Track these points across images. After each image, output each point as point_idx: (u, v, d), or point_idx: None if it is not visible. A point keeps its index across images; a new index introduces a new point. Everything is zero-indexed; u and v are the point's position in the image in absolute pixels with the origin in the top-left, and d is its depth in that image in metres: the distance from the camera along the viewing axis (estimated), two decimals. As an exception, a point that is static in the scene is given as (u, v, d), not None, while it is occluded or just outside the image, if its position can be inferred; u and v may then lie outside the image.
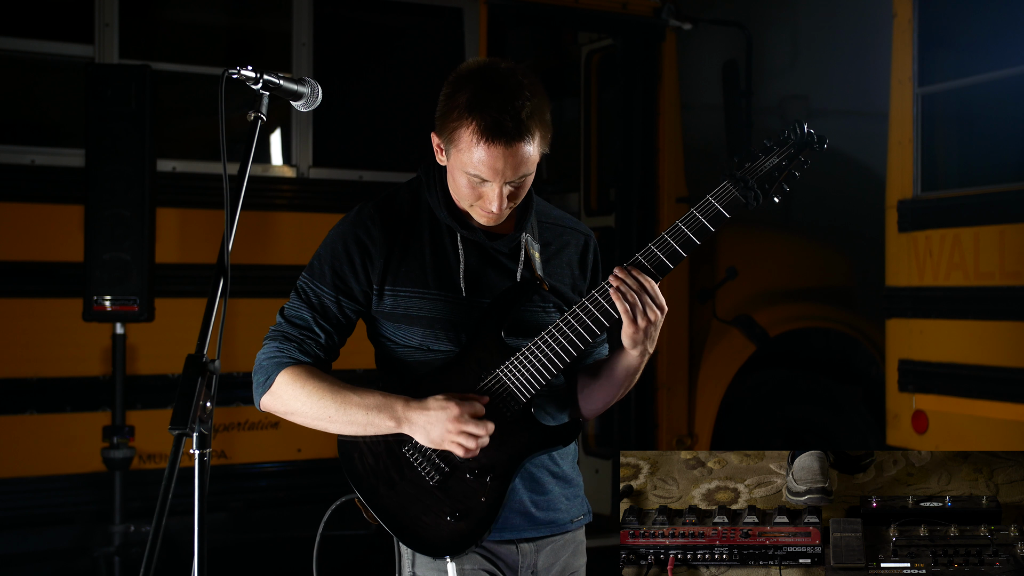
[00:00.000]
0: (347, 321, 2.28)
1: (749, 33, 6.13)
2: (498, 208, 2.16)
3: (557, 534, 2.35)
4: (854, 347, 6.80)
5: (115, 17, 5.01)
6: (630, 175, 6.29)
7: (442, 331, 2.23)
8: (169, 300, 4.93)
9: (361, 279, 2.25)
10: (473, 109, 2.09)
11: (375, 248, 2.25)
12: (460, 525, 2.18)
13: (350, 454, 2.24)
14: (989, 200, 5.12)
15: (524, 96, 2.11)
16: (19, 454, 4.91)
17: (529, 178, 2.18)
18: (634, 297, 2.11)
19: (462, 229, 2.26)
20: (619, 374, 2.28)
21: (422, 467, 2.20)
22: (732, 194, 2.13)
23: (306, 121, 5.33)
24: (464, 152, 2.12)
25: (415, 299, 2.24)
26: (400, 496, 2.20)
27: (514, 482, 2.24)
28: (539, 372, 2.18)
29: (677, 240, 2.14)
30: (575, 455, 2.44)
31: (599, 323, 2.16)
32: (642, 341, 2.16)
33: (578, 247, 2.38)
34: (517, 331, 2.23)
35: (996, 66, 5.13)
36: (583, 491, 2.44)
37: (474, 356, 2.22)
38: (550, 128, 2.20)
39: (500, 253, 2.29)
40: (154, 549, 1.66)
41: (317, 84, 2.11)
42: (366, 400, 2.17)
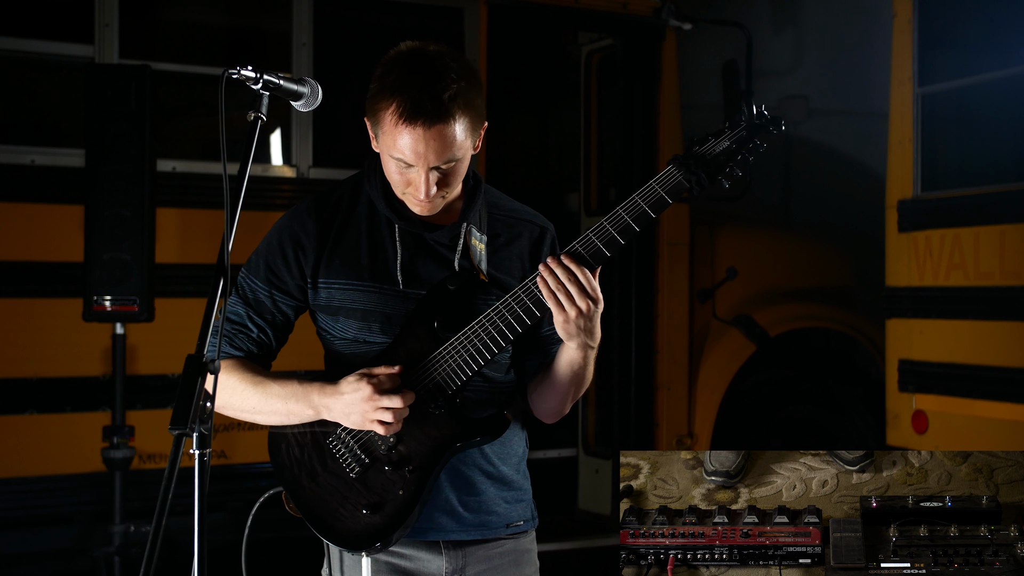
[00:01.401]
0: (283, 316, 2.24)
1: (749, 33, 6.13)
2: (426, 195, 2.09)
3: (489, 539, 2.27)
4: (854, 347, 6.80)
5: (115, 17, 5.01)
6: (630, 175, 6.29)
7: (377, 323, 2.18)
8: (169, 300, 4.93)
9: (295, 272, 2.21)
10: (395, 91, 2.05)
11: (308, 241, 2.21)
12: (375, 518, 2.12)
13: (278, 445, 2.23)
14: (989, 200, 5.12)
15: (449, 78, 2.04)
16: (19, 454, 4.91)
17: (459, 164, 2.11)
18: (561, 286, 2.05)
19: (400, 220, 2.21)
20: (563, 370, 2.19)
21: (344, 458, 2.16)
22: (676, 179, 2.05)
23: (306, 121, 5.34)
24: (388, 135, 2.08)
25: (349, 291, 2.19)
26: (321, 488, 2.17)
27: (441, 480, 2.18)
28: (466, 363, 2.11)
29: (616, 227, 2.06)
30: (521, 458, 2.34)
31: (530, 313, 2.09)
32: (577, 333, 2.08)
33: (531, 238, 2.28)
34: (457, 323, 2.14)
35: (996, 66, 5.14)
36: (530, 496, 2.35)
37: (405, 347, 2.15)
38: (482, 116, 2.13)
39: (440, 244, 2.22)
40: (154, 549, 1.66)
41: (317, 84, 2.11)
42: (285, 390, 2.14)
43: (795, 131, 8.05)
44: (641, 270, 6.25)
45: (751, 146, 2.09)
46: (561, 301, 2.05)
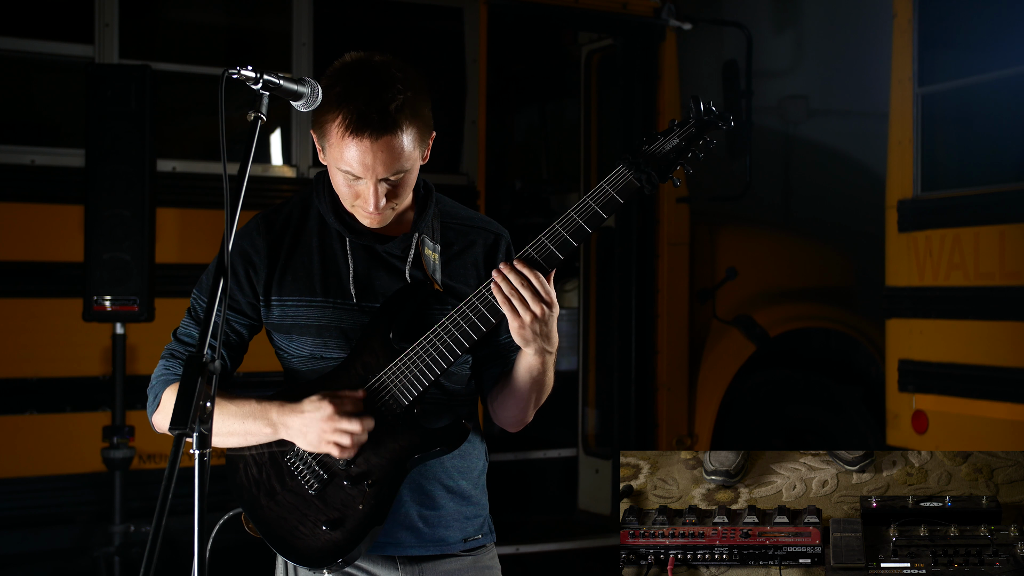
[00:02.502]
0: (237, 337, 2.22)
1: (749, 33, 6.13)
2: (375, 207, 2.07)
3: (447, 555, 2.23)
4: (854, 347, 6.80)
5: (115, 17, 5.01)
6: (630, 175, 6.28)
7: (332, 339, 2.16)
8: (169, 300, 4.92)
9: (246, 291, 2.19)
10: (341, 102, 2.03)
11: (258, 258, 2.18)
12: (335, 535, 2.09)
13: (236, 465, 2.19)
14: (989, 200, 5.12)
15: (395, 89, 2.03)
16: (19, 454, 4.91)
17: (407, 175, 2.09)
18: (515, 291, 2.03)
19: (351, 233, 2.18)
20: (522, 376, 2.16)
21: (302, 475, 2.13)
22: (626, 178, 2.05)
23: (306, 121, 5.31)
24: (335, 147, 2.06)
25: (303, 307, 2.17)
26: (280, 507, 2.14)
27: (402, 494, 2.16)
28: (423, 373, 2.09)
29: (568, 229, 2.05)
30: (480, 472, 2.32)
31: (484, 319, 2.07)
32: (533, 338, 2.05)
33: (485, 245, 2.26)
34: (412, 334, 2.12)
35: (996, 66, 5.14)
36: (487, 511, 2.33)
37: (361, 360, 2.13)
38: (429, 125, 2.11)
39: (392, 256, 2.19)
40: (154, 549, 1.65)
41: (317, 84, 2.11)
42: (242, 408, 2.12)
43: (795, 131, 8.05)
44: (641, 270, 6.26)
45: (701, 143, 2.08)
46: (515, 306, 2.03)
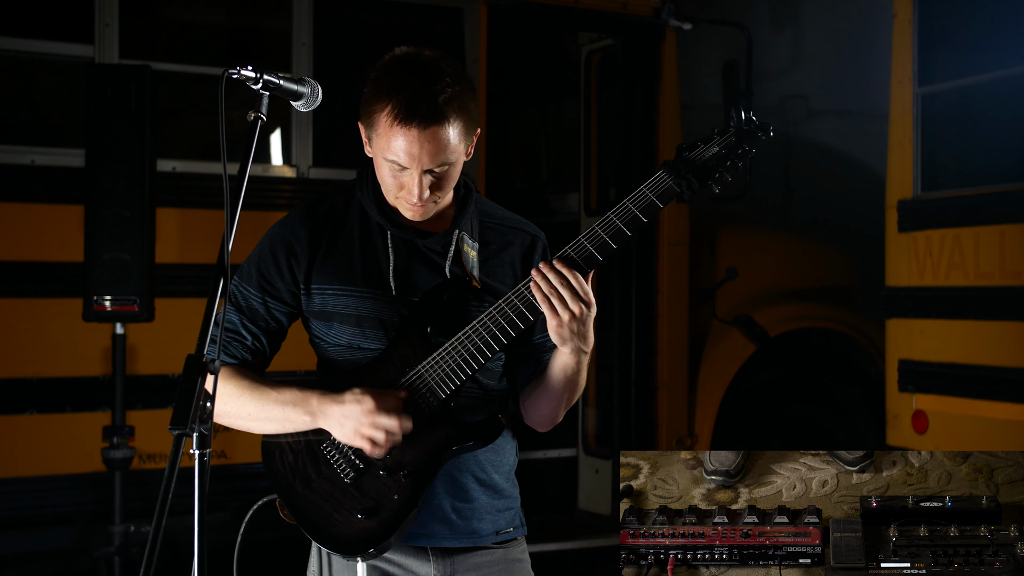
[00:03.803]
0: (276, 324, 2.24)
1: (749, 33, 6.13)
2: (419, 198, 2.11)
3: (480, 547, 2.27)
4: (854, 347, 6.80)
5: (115, 17, 5.01)
6: (630, 175, 6.29)
7: (370, 329, 2.19)
8: (169, 300, 4.93)
9: (287, 279, 2.22)
10: (390, 93, 2.07)
11: (300, 247, 2.22)
12: (370, 523, 2.12)
13: (272, 452, 2.22)
14: (989, 200, 5.12)
15: (444, 82, 2.06)
16: (19, 454, 4.91)
17: (451, 168, 2.12)
18: (554, 290, 2.07)
19: (392, 227, 2.22)
20: (557, 376, 2.20)
21: (338, 464, 2.16)
22: (666, 184, 2.07)
23: (306, 121, 5.34)
24: (382, 137, 2.09)
25: (343, 297, 2.20)
26: (315, 494, 2.17)
27: (435, 486, 2.19)
28: (460, 368, 2.12)
29: (607, 231, 2.08)
30: (512, 467, 2.35)
31: (523, 317, 2.10)
32: (571, 337, 2.09)
33: (522, 246, 2.30)
34: (449, 329, 2.15)
35: (996, 66, 5.14)
36: (518, 504, 2.36)
37: (399, 353, 2.16)
38: (475, 121, 2.14)
39: (432, 251, 2.23)
40: (154, 549, 1.66)
41: (317, 84, 2.11)
42: (283, 396, 2.14)
43: (795, 131, 8.04)
44: (641, 270, 6.26)
45: (740, 152, 2.10)
46: (555, 305, 2.06)
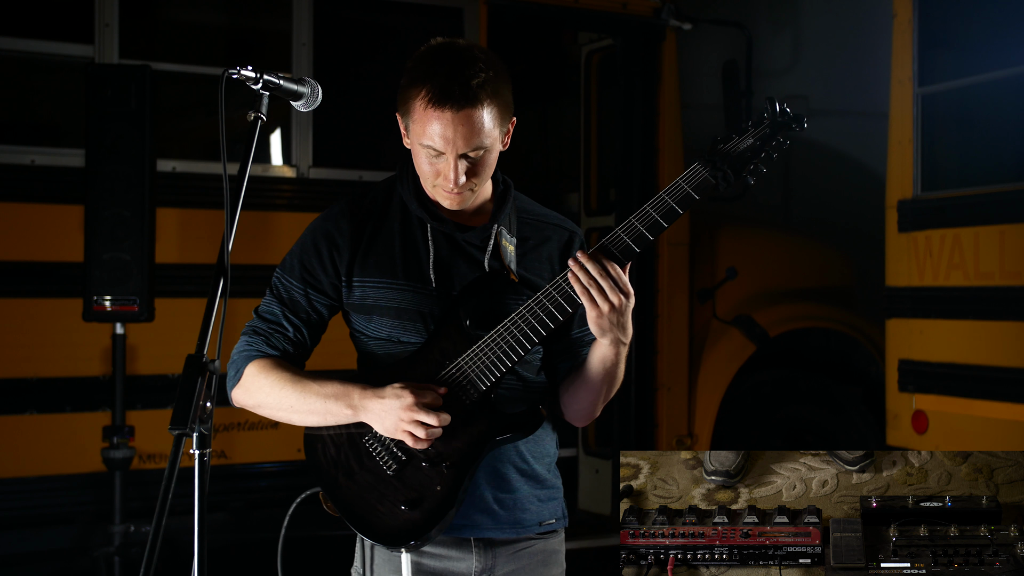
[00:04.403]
0: (317, 316, 2.27)
1: (749, 33, 6.13)
2: (455, 183, 2.13)
3: (522, 538, 2.30)
4: (854, 347, 6.80)
5: (115, 17, 5.01)
6: (630, 175, 6.29)
7: (410, 322, 2.22)
8: (169, 300, 4.93)
9: (329, 271, 2.25)
10: (424, 79, 2.10)
11: (342, 240, 2.25)
12: (413, 515, 2.15)
13: (314, 445, 2.24)
14: (989, 200, 5.12)
15: (477, 67, 2.10)
16: (19, 454, 4.91)
17: (486, 154, 2.15)
18: (593, 281, 2.08)
19: (432, 220, 2.25)
20: (596, 368, 2.23)
21: (380, 456, 2.19)
22: (702, 176, 2.09)
23: (306, 121, 5.34)
24: (417, 123, 2.12)
25: (383, 290, 2.22)
26: (358, 486, 2.19)
27: (477, 477, 2.21)
28: (499, 360, 2.15)
29: (644, 223, 2.10)
30: (553, 457, 2.38)
31: (562, 309, 2.13)
32: (610, 328, 2.12)
33: (560, 242, 2.33)
34: (488, 322, 2.18)
35: (996, 66, 5.13)
36: (561, 495, 2.38)
37: (438, 346, 2.19)
38: (510, 108, 2.18)
39: (471, 245, 2.26)
40: (154, 549, 1.66)
41: (317, 84, 2.12)
42: (324, 389, 2.17)
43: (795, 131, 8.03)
44: (641, 270, 6.25)
45: (775, 143, 2.12)
46: (594, 296, 2.09)
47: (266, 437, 5.23)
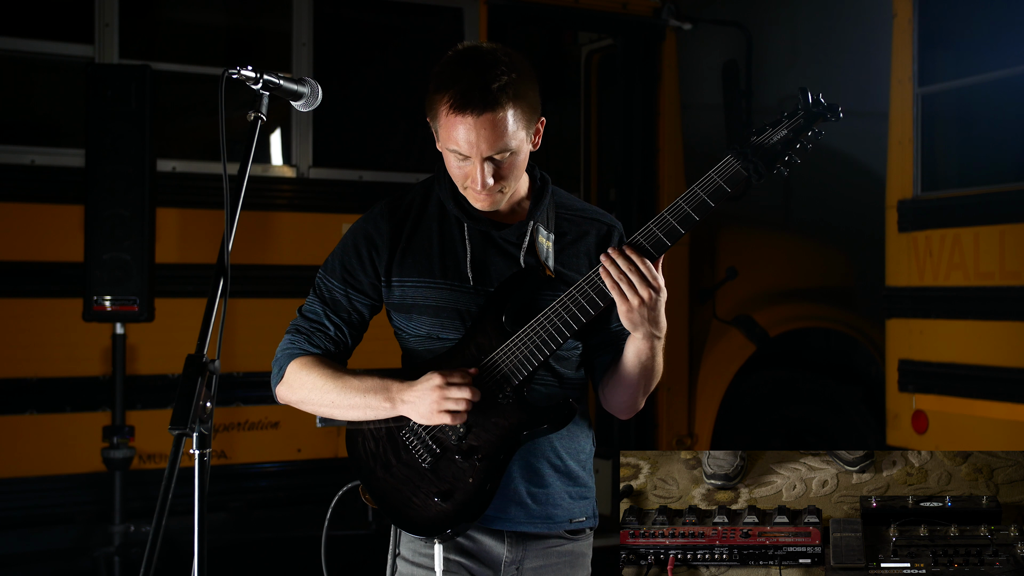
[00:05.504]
0: (358, 315, 2.33)
1: (749, 33, 6.13)
2: (482, 186, 2.16)
3: (553, 535, 2.33)
4: (854, 347, 6.80)
5: (115, 17, 5.01)
6: (630, 175, 6.29)
7: (448, 319, 2.26)
8: (169, 300, 4.93)
9: (368, 271, 2.30)
10: (448, 85, 2.13)
11: (381, 240, 2.30)
12: (446, 506, 2.19)
13: (355, 439, 2.31)
14: (989, 200, 5.12)
15: (499, 70, 2.12)
16: (19, 454, 4.91)
17: (513, 157, 2.17)
18: (623, 275, 2.10)
19: (468, 219, 2.28)
20: (631, 362, 2.24)
21: (416, 450, 2.24)
22: (734, 168, 2.10)
23: (306, 121, 5.33)
24: (443, 128, 2.16)
25: (422, 288, 2.27)
26: (395, 478, 2.25)
27: (511, 471, 2.25)
28: (532, 355, 2.18)
29: (676, 217, 2.12)
30: (589, 455, 2.40)
31: (593, 303, 2.15)
32: (642, 322, 2.13)
33: (598, 236, 2.34)
34: (524, 318, 2.21)
35: (996, 66, 5.13)
36: (593, 495, 2.40)
37: (475, 342, 2.23)
38: (536, 110, 2.19)
39: (507, 242, 2.29)
40: (154, 549, 1.66)
41: (317, 84, 2.12)
42: (364, 383, 2.22)
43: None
44: (641, 270, 6.24)
45: (809, 134, 2.13)
46: (624, 290, 2.11)
47: (266, 437, 5.23)
